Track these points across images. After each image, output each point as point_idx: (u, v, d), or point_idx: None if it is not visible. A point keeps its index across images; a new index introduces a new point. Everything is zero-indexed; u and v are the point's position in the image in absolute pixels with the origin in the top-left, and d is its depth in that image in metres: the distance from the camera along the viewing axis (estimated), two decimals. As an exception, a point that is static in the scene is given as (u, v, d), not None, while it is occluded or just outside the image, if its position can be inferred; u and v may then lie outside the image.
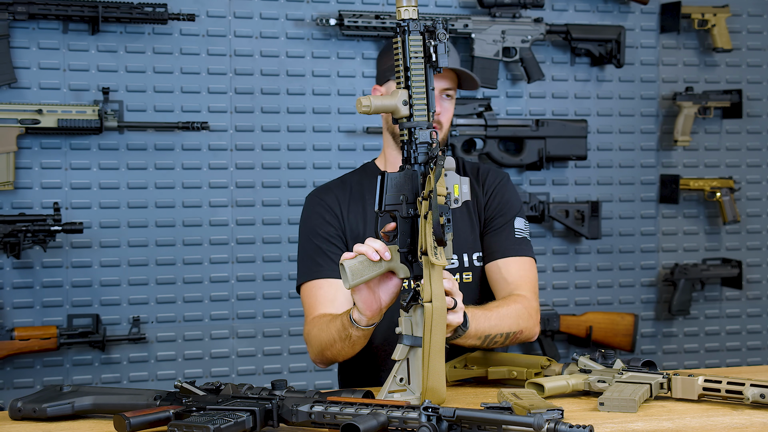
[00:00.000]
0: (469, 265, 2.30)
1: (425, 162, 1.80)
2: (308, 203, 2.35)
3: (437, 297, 1.75)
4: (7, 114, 3.27)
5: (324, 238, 2.27)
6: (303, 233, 2.32)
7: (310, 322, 2.19)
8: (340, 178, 2.40)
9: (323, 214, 2.30)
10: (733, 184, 4.06)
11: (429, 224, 1.73)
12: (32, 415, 1.80)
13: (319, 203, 2.32)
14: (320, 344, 2.11)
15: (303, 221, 2.34)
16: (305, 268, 2.28)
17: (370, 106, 1.81)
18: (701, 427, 1.71)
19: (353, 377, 2.38)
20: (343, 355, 2.07)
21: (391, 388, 1.78)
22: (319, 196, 2.34)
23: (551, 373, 2.02)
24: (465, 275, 2.30)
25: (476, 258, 2.31)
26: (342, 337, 2.00)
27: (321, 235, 2.27)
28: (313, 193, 2.38)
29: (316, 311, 2.21)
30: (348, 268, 1.79)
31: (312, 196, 2.36)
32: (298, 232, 2.35)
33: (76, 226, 3.28)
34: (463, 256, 2.30)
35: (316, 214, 2.31)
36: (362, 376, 2.33)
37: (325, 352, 2.11)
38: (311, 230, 2.29)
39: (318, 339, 2.12)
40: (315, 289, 2.24)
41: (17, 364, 3.39)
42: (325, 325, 2.09)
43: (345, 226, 2.29)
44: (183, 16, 3.40)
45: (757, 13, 4.17)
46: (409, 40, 1.81)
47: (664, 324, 4.10)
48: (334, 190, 2.34)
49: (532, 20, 3.79)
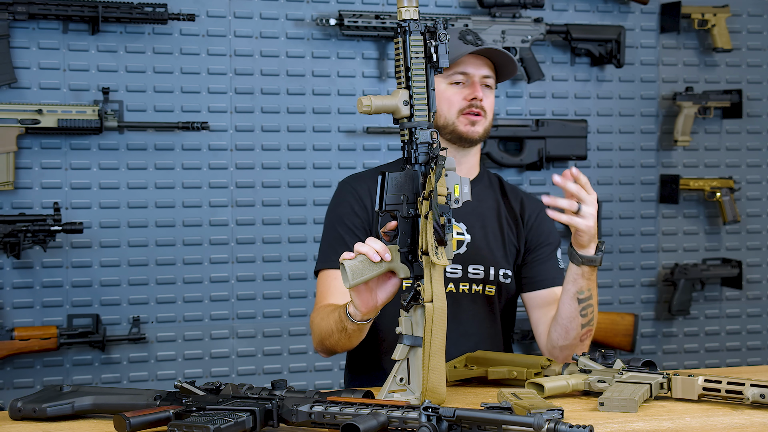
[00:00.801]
0: (494, 279, 2.29)
1: (426, 162, 1.81)
2: (340, 190, 2.33)
3: (438, 297, 1.75)
4: (7, 114, 3.27)
5: (349, 228, 2.25)
6: (329, 219, 2.31)
7: (317, 309, 2.20)
8: (375, 169, 2.37)
9: (352, 204, 2.27)
10: (733, 184, 4.06)
11: (430, 224, 1.74)
12: (32, 415, 1.80)
13: (350, 192, 2.29)
14: (320, 333, 2.12)
15: (332, 207, 2.32)
16: (325, 255, 2.27)
17: (370, 105, 1.81)
18: (701, 427, 1.71)
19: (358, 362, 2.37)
20: (341, 345, 2.07)
21: (391, 388, 1.79)
22: (351, 184, 2.32)
23: (551, 373, 2.02)
24: (488, 288, 2.29)
25: (502, 275, 2.30)
26: (339, 329, 2.01)
27: (346, 225, 2.26)
28: (347, 180, 2.35)
29: (326, 300, 2.21)
30: (348, 267, 1.79)
31: (345, 183, 2.34)
32: (325, 216, 2.33)
33: (76, 226, 3.28)
34: (489, 269, 2.29)
35: (345, 202, 2.29)
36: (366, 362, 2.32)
37: (324, 341, 2.12)
38: (338, 218, 2.28)
39: (319, 328, 2.13)
40: (330, 279, 2.24)
41: (17, 364, 3.39)
42: (326, 314, 2.10)
43: (372, 219, 2.27)
44: (183, 16, 3.40)
45: (757, 13, 4.17)
46: (410, 41, 1.81)
47: (664, 324, 4.10)
48: (367, 180, 2.31)
49: (532, 20, 3.79)
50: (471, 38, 2.22)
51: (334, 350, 2.13)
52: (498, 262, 2.30)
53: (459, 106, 2.22)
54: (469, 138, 2.24)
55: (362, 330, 1.98)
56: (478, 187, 2.33)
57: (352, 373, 2.42)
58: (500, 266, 2.30)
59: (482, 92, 2.23)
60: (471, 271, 2.27)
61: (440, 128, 2.24)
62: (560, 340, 2.19)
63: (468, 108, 2.22)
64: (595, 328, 2.21)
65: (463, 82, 2.23)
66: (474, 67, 2.23)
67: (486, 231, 2.31)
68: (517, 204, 2.37)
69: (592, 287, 2.13)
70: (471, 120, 2.22)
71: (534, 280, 2.32)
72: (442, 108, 2.23)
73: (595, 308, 2.17)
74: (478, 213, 2.30)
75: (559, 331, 2.19)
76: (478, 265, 2.27)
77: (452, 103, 2.22)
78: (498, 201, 2.36)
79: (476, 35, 2.23)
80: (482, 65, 2.24)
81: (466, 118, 2.22)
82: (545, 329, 2.26)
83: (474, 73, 2.23)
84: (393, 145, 3.71)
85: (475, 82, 2.23)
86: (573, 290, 2.12)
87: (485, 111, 2.24)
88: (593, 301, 2.15)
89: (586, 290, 2.12)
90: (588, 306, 2.14)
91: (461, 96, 2.22)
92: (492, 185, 2.38)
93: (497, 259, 2.30)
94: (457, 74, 2.22)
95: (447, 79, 2.23)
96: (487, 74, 2.25)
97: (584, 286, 2.11)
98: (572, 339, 2.17)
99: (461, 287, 2.26)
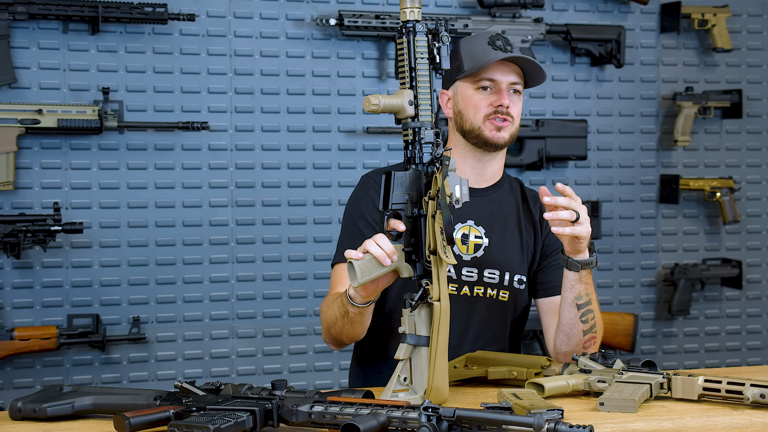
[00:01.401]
0: (509, 285, 2.28)
1: (430, 162, 1.81)
2: (362, 184, 2.32)
3: (444, 296, 1.77)
4: (7, 114, 3.27)
5: (368, 223, 2.25)
6: (350, 212, 2.30)
7: (326, 299, 2.21)
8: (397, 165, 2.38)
9: (374, 198, 2.26)
10: (733, 184, 4.06)
11: (438, 223, 1.74)
12: (32, 415, 1.80)
13: (373, 186, 2.28)
14: (327, 321, 2.13)
15: (353, 200, 2.32)
16: (343, 248, 2.25)
17: (378, 104, 1.81)
18: (701, 427, 1.71)
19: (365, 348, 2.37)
20: (345, 333, 2.08)
21: (395, 388, 1.79)
22: (375, 178, 2.31)
23: (551, 373, 2.02)
24: (502, 293, 2.28)
25: (517, 280, 2.29)
26: (341, 314, 2.02)
27: (366, 220, 2.26)
28: (370, 174, 2.35)
29: (336, 291, 2.22)
30: (357, 266, 1.79)
31: (368, 177, 2.33)
32: (345, 209, 2.33)
33: (76, 226, 3.29)
34: (504, 275, 2.28)
35: (367, 197, 2.28)
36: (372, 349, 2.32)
37: (330, 329, 2.13)
38: (359, 212, 2.28)
39: (325, 316, 2.15)
40: (344, 272, 2.22)
41: (17, 364, 3.39)
42: (331, 302, 2.12)
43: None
44: (183, 16, 3.40)
45: (757, 13, 4.17)
46: (414, 41, 1.81)
47: (664, 324, 4.10)
48: None
49: (532, 20, 3.79)
50: (500, 44, 2.21)
51: (340, 338, 2.13)
52: (514, 267, 2.29)
53: (485, 112, 2.22)
54: (495, 143, 2.24)
55: (363, 314, 1.99)
56: (500, 192, 2.34)
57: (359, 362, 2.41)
58: (515, 272, 2.29)
59: (509, 99, 2.23)
60: (486, 275, 2.27)
61: (466, 132, 2.24)
62: (563, 346, 2.20)
63: (494, 114, 2.22)
64: (600, 335, 2.20)
65: (490, 87, 2.23)
66: (502, 73, 2.22)
67: (505, 236, 2.30)
68: (537, 210, 2.36)
69: (590, 291, 2.13)
70: (497, 126, 2.22)
71: (549, 285, 2.32)
72: (468, 113, 2.23)
73: (596, 314, 2.16)
74: (499, 218, 2.30)
75: (561, 337, 2.19)
76: (494, 270, 2.27)
77: (479, 108, 2.22)
78: (518, 206, 2.35)
79: (506, 40, 2.22)
80: (510, 72, 2.23)
81: (491, 124, 2.22)
82: (553, 334, 2.26)
83: (501, 79, 2.22)
84: (393, 145, 3.71)
85: (502, 89, 2.22)
86: (571, 297, 2.12)
87: (512, 117, 2.24)
88: (593, 306, 2.15)
89: (584, 295, 2.12)
90: (588, 312, 2.14)
91: (488, 102, 2.22)
92: (513, 190, 2.38)
93: (513, 265, 2.29)
94: (484, 80, 2.22)
95: (474, 84, 2.23)
96: (515, 81, 2.24)
97: (582, 291, 2.11)
98: (574, 345, 2.17)
99: (476, 291, 2.26)
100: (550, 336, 2.28)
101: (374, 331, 2.15)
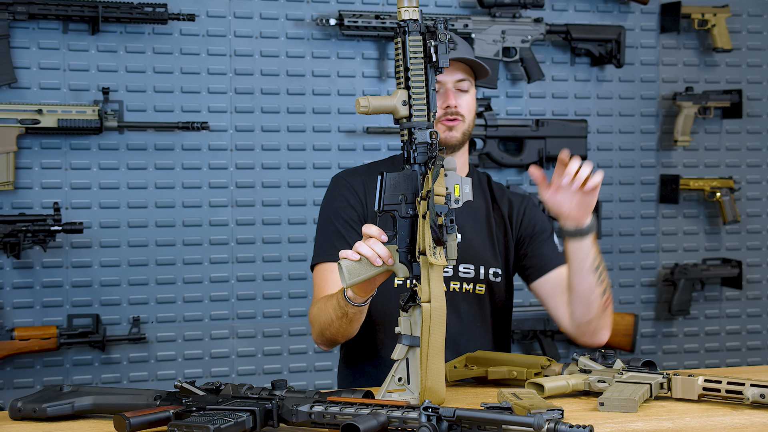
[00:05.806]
0: (485, 278, 2.30)
1: (424, 162, 1.81)
2: (334, 184, 2.34)
3: (436, 297, 1.76)
4: (7, 114, 3.27)
5: (345, 221, 2.26)
6: (324, 214, 2.32)
7: (314, 303, 2.21)
8: (368, 165, 2.41)
9: (348, 197, 2.29)
10: (733, 184, 4.06)
11: (427, 224, 1.74)
12: (32, 415, 1.80)
13: (345, 185, 2.31)
14: (320, 324, 2.13)
15: (326, 202, 2.33)
16: (321, 249, 2.28)
17: (368, 106, 1.82)
18: (701, 427, 1.71)
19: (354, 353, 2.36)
20: (342, 333, 2.08)
21: (390, 388, 1.79)
22: (345, 178, 2.33)
23: (551, 373, 2.02)
24: (478, 287, 2.30)
25: (492, 273, 2.31)
26: (338, 316, 2.02)
27: (342, 218, 2.27)
28: (341, 174, 2.37)
29: (323, 294, 2.21)
30: (345, 268, 1.79)
31: (339, 178, 2.35)
32: (320, 211, 2.34)
33: (76, 226, 3.29)
34: (479, 268, 2.30)
35: (341, 196, 2.30)
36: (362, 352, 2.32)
37: (324, 332, 2.12)
38: (334, 212, 2.29)
39: (318, 319, 2.14)
40: (327, 272, 2.24)
41: (17, 364, 3.39)
42: (323, 305, 2.11)
43: (367, 212, 2.28)
44: (183, 16, 3.40)
45: (757, 13, 4.17)
46: (408, 41, 1.81)
47: (664, 324, 4.10)
48: (361, 174, 2.33)
49: (532, 20, 3.79)
50: None
51: (335, 339, 2.14)
52: (488, 261, 2.31)
53: (437, 115, 2.25)
54: (449, 143, 2.27)
55: (363, 312, 2.00)
56: None
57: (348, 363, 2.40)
58: (490, 265, 2.32)
59: (456, 98, 2.26)
60: (462, 270, 2.29)
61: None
62: (584, 316, 2.21)
63: (444, 116, 2.25)
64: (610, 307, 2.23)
65: (437, 90, 2.25)
66: (447, 73, 2.24)
67: (476, 230, 2.33)
68: (505, 205, 2.38)
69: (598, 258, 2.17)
70: (448, 126, 2.26)
71: (538, 265, 2.33)
72: None
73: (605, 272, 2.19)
74: (468, 212, 2.31)
75: (580, 308, 2.20)
76: (469, 264, 2.29)
77: None
78: (486, 200, 2.38)
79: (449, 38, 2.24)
80: (455, 70, 2.25)
81: (443, 125, 2.26)
82: (566, 311, 2.26)
83: (446, 80, 2.26)
84: (393, 145, 3.72)
85: (448, 89, 2.26)
86: (588, 263, 2.14)
87: (462, 115, 2.27)
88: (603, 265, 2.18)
89: (597, 257, 2.15)
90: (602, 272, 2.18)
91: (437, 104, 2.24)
92: (481, 184, 2.40)
93: (487, 258, 2.32)
94: None
95: None
96: (461, 78, 2.27)
97: (594, 253, 2.14)
98: (595, 311, 2.19)
99: (452, 286, 2.27)
100: (562, 314, 2.28)
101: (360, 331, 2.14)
